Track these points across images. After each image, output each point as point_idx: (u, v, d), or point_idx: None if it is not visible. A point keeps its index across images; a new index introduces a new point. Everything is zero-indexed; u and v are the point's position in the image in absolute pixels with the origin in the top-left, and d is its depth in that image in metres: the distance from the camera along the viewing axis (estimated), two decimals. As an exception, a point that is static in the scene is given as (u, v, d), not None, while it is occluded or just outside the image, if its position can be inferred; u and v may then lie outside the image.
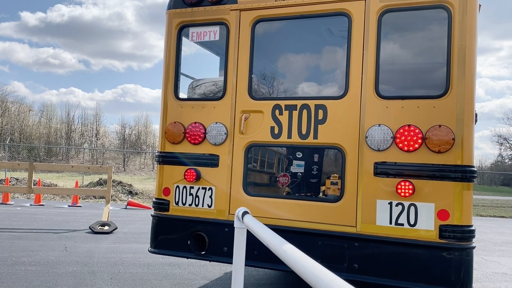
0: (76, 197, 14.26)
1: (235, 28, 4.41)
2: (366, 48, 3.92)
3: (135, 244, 7.97)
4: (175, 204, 4.53)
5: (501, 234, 12.05)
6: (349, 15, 4.02)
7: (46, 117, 52.74)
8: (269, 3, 4.29)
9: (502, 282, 6.42)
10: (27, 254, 6.69)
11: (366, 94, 3.88)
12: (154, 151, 51.48)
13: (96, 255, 6.89)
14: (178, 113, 4.57)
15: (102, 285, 5.26)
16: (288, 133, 4.15)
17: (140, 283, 5.40)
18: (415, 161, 3.67)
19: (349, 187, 3.88)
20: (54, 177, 24.88)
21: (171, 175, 4.56)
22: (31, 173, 9.81)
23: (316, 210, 4.02)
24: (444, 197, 3.57)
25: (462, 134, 3.59)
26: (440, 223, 3.56)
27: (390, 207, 3.71)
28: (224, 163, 4.36)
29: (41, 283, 5.21)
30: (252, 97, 4.36)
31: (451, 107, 3.62)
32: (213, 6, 4.48)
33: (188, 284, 5.45)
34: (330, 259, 3.84)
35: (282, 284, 5.72)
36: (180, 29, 4.67)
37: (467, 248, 3.55)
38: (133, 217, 11.98)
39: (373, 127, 3.81)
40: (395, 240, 3.67)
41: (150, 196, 17.83)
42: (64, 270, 5.85)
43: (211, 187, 4.39)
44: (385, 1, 3.86)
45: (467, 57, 3.64)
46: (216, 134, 4.39)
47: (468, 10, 3.64)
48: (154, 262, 6.59)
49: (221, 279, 5.78)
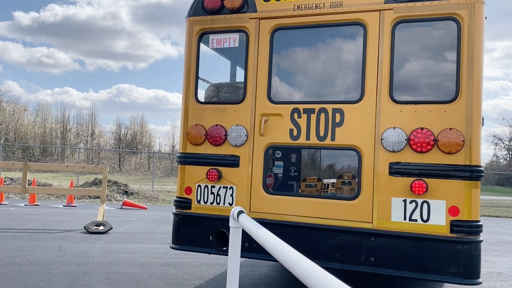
0: (71, 197, 14.18)
1: (255, 36, 4.63)
2: (381, 56, 4.18)
3: (130, 244, 7.93)
4: (197, 203, 4.74)
5: (496, 234, 12.09)
6: (365, 25, 4.27)
7: (41, 117, 52.50)
8: (288, 13, 4.51)
9: (497, 281, 6.43)
10: (21, 254, 6.65)
11: (381, 99, 4.14)
12: (150, 151, 51.39)
13: (91, 255, 6.85)
14: (199, 116, 4.78)
15: (97, 285, 5.23)
16: (306, 135, 4.39)
17: (135, 283, 5.37)
18: (427, 162, 3.93)
19: (365, 186, 4.14)
20: (49, 177, 24.78)
21: (193, 174, 4.77)
22: (25, 173, 9.75)
23: (334, 207, 4.25)
24: (454, 194, 3.84)
25: (470, 136, 3.86)
26: (451, 219, 3.83)
27: (405, 204, 3.97)
28: (244, 163, 4.58)
29: (35, 283, 5.17)
30: (271, 101, 4.58)
31: (461, 112, 3.89)
32: (233, 15, 4.69)
33: (183, 284, 5.43)
34: (348, 253, 4.09)
35: (277, 284, 5.71)
36: (200, 35, 4.87)
37: (476, 241, 3.81)
38: (128, 217, 11.93)
39: (388, 130, 4.06)
40: (409, 235, 3.93)
41: (146, 196, 17.78)
42: (58, 270, 5.81)
43: (232, 186, 4.61)
44: (399, 12, 4.11)
45: (475, 65, 3.91)
46: (237, 136, 4.59)
47: (476, 22, 3.92)
48: (149, 262, 6.56)
49: (216, 279, 5.76)
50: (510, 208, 22.90)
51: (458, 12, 3.96)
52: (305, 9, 4.46)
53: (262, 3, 4.62)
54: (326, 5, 4.39)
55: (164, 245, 7.99)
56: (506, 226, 14.61)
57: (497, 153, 58.53)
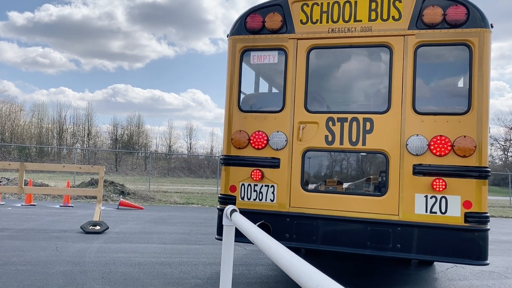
0: (68, 197, 14.20)
1: (293, 54, 5.24)
2: (405, 74, 4.86)
3: (126, 244, 7.98)
4: (241, 199, 5.28)
5: (490, 233, 12.17)
6: (391, 47, 4.95)
7: (38, 117, 52.36)
8: (323, 34, 5.14)
9: (489, 280, 6.53)
10: (18, 254, 6.69)
11: (405, 111, 4.82)
12: (146, 152, 51.34)
13: (87, 254, 6.90)
14: (242, 123, 5.36)
15: (93, 284, 5.28)
16: (340, 140, 5.01)
17: (131, 282, 5.43)
18: (445, 163, 4.64)
19: (392, 184, 4.81)
20: (45, 177, 24.76)
21: (237, 174, 5.31)
22: (22, 173, 9.77)
23: (365, 202, 4.90)
24: (467, 191, 4.56)
25: (480, 142, 4.60)
26: (465, 211, 4.55)
27: (426, 199, 4.67)
28: (284, 165, 5.16)
29: (32, 283, 5.22)
30: (308, 111, 5.17)
31: (472, 122, 4.62)
32: (273, 35, 5.29)
33: (179, 283, 5.48)
34: (378, 241, 4.77)
35: (272, 283, 5.78)
36: (243, 52, 5.44)
37: (485, 229, 4.55)
38: (125, 217, 11.98)
39: (412, 137, 4.75)
40: (430, 225, 4.63)
41: (142, 196, 17.80)
42: (55, 270, 5.86)
43: (273, 185, 5.17)
44: (420, 37, 4.82)
45: (484, 84, 4.65)
46: (278, 141, 5.18)
47: (485, 48, 4.67)
48: (146, 261, 6.61)
49: (212, 278, 5.82)
50: (505, 208, 23.07)
51: (470, 39, 4.68)
52: (338, 32, 5.09)
53: (299, 26, 5.22)
54: (357, 29, 5.02)
55: (160, 245, 8.05)
56: (500, 226, 14.72)
57: (492, 154, 58.84)
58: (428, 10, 4.77)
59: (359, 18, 5.02)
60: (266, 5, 5.33)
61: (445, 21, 4.73)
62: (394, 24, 4.91)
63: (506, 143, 57.89)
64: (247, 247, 8.05)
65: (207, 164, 48.93)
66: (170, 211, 14.35)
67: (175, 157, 52.02)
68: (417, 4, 4.82)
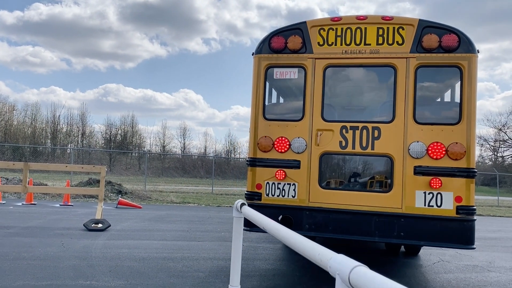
0: (68, 196, 14.46)
1: (311, 71, 6.02)
2: (407, 90, 5.71)
3: (129, 241, 8.32)
4: (266, 196, 6.00)
5: (476, 231, 12.57)
6: (395, 68, 5.78)
7: (31, 117, 52.30)
8: (337, 55, 5.95)
9: (473, 273, 6.96)
10: (27, 250, 7.01)
11: (408, 121, 5.66)
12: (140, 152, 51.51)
13: (93, 250, 7.23)
14: (267, 130, 6.11)
15: (102, 276, 5.63)
16: (352, 145, 5.80)
17: (137, 275, 5.78)
18: (440, 165, 5.48)
19: (396, 182, 5.63)
20: (40, 177, 24.93)
21: (262, 174, 6.04)
22: (26, 172, 10.07)
23: (373, 198, 5.72)
24: (459, 188, 5.43)
25: (469, 148, 5.46)
26: (457, 205, 5.40)
27: (425, 195, 5.51)
28: (304, 166, 5.92)
29: (44, 275, 5.55)
30: (324, 120, 5.95)
31: (463, 131, 5.49)
32: (294, 54, 6.08)
33: (183, 276, 5.84)
34: (384, 230, 5.57)
35: (270, 275, 6.15)
36: (267, 68, 6.20)
37: (472, 220, 5.43)
38: (124, 215, 12.30)
39: (413, 143, 5.59)
40: (428, 216, 5.46)
41: (140, 195, 18.11)
42: (64, 264, 6.19)
43: (295, 183, 5.92)
44: (420, 60, 5.67)
45: (472, 100, 5.54)
46: (299, 145, 5.94)
47: (472, 69, 5.54)
48: (149, 256, 6.97)
49: (213, 271, 6.19)
50: (492, 207, 23.65)
51: (461, 62, 5.54)
52: (350, 53, 5.89)
53: (317, 47, 6.02)
54: (367, 52, 5.85)
55: (161, 241, 8.40)
56: (487, 224, 15.21)
57: (482, 154, 59.64)
58: (426, 37, 5.63)
59: (368, 42, 5.84)
60: (288, 29, 6.15)
61: (441, 46, 5.58)
62: (398, 48, 5.75)
63: (495, 144, 58.69)
64: (244, 243, 8.43)
65: (201, 164, 49.20)
66: (168, 210, 14.68)
67: (169, 157, 52.24)
68: (417, 32, 5.68)
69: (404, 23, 5.77)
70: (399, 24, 5.78)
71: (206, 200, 19.16)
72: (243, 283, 5.57)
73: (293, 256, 7.48)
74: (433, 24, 5.69)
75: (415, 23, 5.72)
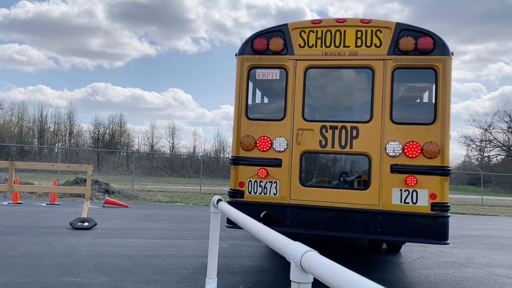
0: (54, 196, 14.44)
1: (292, 72, 6.15)
2: (384, 91, 5.86)
3: (115, 239, 8.39)
4: (248, 193, 6.12)
5: (458, 229, 12.92)
6: (373, 69, 5.93)
7: (17, 116, 51.80)
8: (317, 57, 6.08)
9: (451, 269, 7.16)
10: (12, 248, 7.04)
11: (384, 121, 5.81)
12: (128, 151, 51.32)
13: (79, 248, 7.29)
14: (249, 129, 6.22)
15: (87, 273, 5.70)
16: (331, 144, 5.94)
17: (122, 272, 5.87)
18: (416, 163, 5.62)
19: (374, 180, 5.78)
20: (26, 176, 24.77)
21: (245, 172, 6.15)
22: (11, 171, 10.08)
23: (352, 195, 5.86)
24: (433, 185, 5.56)
25: (443, 146, 5.61)
26: (431, 201, 5.54)
27: (401, 192, 5.65)
28: (285, 164, 6.05)
29: (29, 273, 5.61)
30: (305, 119, 6.09)
31: (437, 130, 5.64)
32: (276, 56, 6.20)
33: (167, 273, 5.94)
34: (362, 226, 5.69)
35: (253, 272, 6.29)
36: (249, 69, 6.32)
37: (446, 216, 5.58)
38: (111, 214, 12.34)
39: (390, 142, 5.74)
40: (404, 213, 5.59)
41: (127, 195, 18.12)
42: (49, 262, 6.25)
43: (276, 181, 6.05)
44: (397, 62, 5.82)
45: (446, 100, 5.69)
46: (280, 144, 6.08)
47: (447, 71, 5.69)
48: (134, 254, 7.05)
49: (197, 268, 6.30)
50: (477, 206, 24.06)
51: (435, 64, 5.70)
52: (330, 55, 6.03)
53: (298, 49, 6.15)
54: (346, 53, 5.98)
55: (147, 240, 8.48)
56: (469, 222, 15.52)
57: (469, 154, 60.46)
58: (403, 39, 5.79)
59: (347, 44, 5.99)
60: (270, 31, 6.28)
61: (417, 49, 5.74)
62: (376, 50, 5.90)
63: (482, 144, 59.54)
64: (229, 241, 8.55)
65: (189, 164, 49.23)
66: (155, 209, 14.74)
67: (158, 157, 52.12)
68: (395, 35, 5.84)
69: (382, 26, 5.92)
70: (377, 27, 5.92)
71: (193, 199, 19.24)
72: (226, 280, 5.71)
73: (276, 254, 7.62)
74: (409, 27, 5.85)
75: (393, 26, 5.87)
